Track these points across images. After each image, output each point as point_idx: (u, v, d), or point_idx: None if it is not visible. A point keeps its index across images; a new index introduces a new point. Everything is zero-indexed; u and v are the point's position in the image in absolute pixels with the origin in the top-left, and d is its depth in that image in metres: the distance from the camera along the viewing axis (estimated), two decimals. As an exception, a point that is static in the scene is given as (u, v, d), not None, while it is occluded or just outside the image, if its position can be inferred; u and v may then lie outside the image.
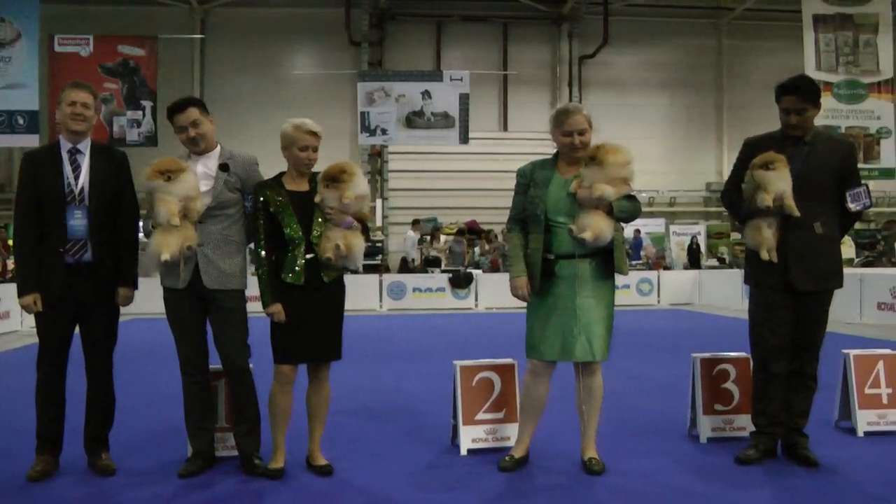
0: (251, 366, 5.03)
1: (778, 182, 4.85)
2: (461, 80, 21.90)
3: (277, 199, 4.81)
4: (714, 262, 24.43)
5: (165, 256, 4.65)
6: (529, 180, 4.97)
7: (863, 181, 5.14)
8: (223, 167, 4.91)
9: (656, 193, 26.17)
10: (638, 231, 23.18)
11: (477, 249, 22.48)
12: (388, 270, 21.54)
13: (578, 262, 4.79)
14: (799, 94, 5.01)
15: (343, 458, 5.16)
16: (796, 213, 4.86)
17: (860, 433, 5.69)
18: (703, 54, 27.26)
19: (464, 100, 21.80)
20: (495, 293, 19.53)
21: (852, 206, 5.01)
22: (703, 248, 24.91)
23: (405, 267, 21.45)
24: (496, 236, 21.98)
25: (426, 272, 20.62)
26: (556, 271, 4.82)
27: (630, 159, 4.75)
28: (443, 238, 22.73)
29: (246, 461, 4.96)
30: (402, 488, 4.65)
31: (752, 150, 5.15)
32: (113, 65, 20.07)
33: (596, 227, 4.64)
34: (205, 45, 25.04)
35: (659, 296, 20.79)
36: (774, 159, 4.88)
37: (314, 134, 4.85)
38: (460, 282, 19.73)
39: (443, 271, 20.51)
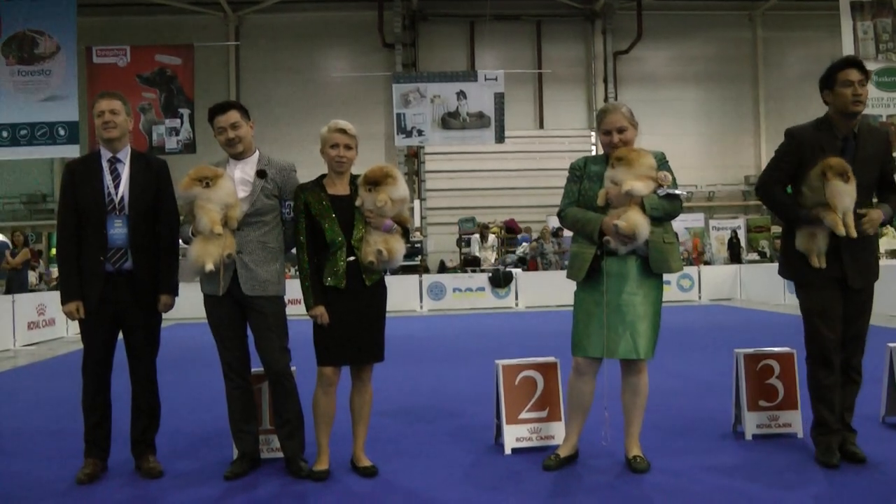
0: (293, 368, 5.06)
1: (845, 199, 4.63)
2: (496, 79, 21.88)
3: (318, 202, 4.83)
4: (755, 256, 24.18)
5: (210, 266, 4.70)
6: (583, 172, 4.98)
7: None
8: (261, 174, 4.95)
9: (694, 188, 25.95)
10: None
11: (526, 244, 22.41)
12: (427, 271, 21.54)
13: (626, 259, 4.78)
14: (859, 67, 4.83)
15: (387, 460, 5.17)
16: (854, 234, 4.67)
17: (909, 428, 5.58)
18: (737, 46, 26.99)
19: (499, 99, 21.77)
20: (535, 292, 19.49)
21: None
22: (743, 243, 24.66)
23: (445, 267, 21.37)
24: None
25: (465, 272, 20.62)
26: (603, 267, 4.80)
27: (654, 163, 4.76)
28: (490, 238, 22.57)
29: (290, 463, 4.99)
30: (446, 488, 4.65)
31: (794, 140, 4.93)
32: (150, 74, 20.31)
33: (631, 220, 4.63)
34: (240, 51, 25.29)
35: (700, 291, 20.62)
36: (847, 171, 4.64)
37: (343, 131, 4.86)
38: (500, 281, 19.69)
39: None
